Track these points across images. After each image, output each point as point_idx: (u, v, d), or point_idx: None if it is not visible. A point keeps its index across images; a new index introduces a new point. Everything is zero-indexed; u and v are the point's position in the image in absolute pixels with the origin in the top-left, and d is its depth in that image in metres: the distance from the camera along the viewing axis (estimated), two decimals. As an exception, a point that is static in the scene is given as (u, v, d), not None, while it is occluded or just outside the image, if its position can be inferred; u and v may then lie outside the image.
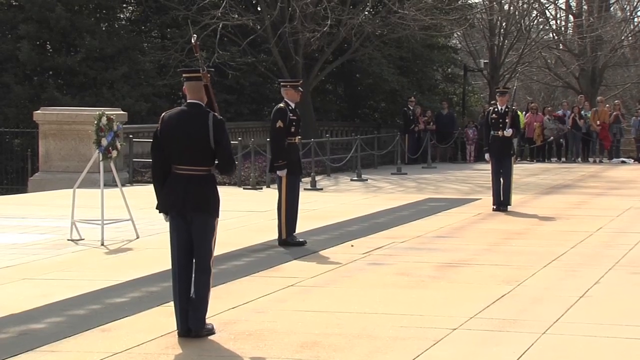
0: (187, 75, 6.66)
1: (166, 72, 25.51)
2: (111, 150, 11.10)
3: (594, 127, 27.51)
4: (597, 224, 12.72)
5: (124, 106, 21.76)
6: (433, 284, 8.50)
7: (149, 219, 12.97)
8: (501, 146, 14.25)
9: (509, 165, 14.38)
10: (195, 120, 6.46)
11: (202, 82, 6.57)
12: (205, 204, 6.44)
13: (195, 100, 6.58)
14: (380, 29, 26.34)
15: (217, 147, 6.42)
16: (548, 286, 8.41)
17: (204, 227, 6.47)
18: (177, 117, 6.55)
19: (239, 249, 10.45)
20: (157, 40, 27.90)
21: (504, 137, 14.23)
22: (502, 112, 14.35)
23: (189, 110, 6.55)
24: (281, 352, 6.20)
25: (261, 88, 28.08)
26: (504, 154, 14.28)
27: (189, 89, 6.61)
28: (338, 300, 7.78)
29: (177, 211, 6.46)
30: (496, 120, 14.31)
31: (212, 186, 6.50)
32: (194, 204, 6.41)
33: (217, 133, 6.42)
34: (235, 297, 7.85)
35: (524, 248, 10.69)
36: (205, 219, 6.46)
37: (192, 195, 6.41)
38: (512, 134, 14.32)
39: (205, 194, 6.45)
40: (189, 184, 6.41)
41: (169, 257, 6.71)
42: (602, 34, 36.07)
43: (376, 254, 10.20)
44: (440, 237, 11.63)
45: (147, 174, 20.29)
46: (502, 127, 14.21)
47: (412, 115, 27.58)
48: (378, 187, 19.34)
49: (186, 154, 6.41)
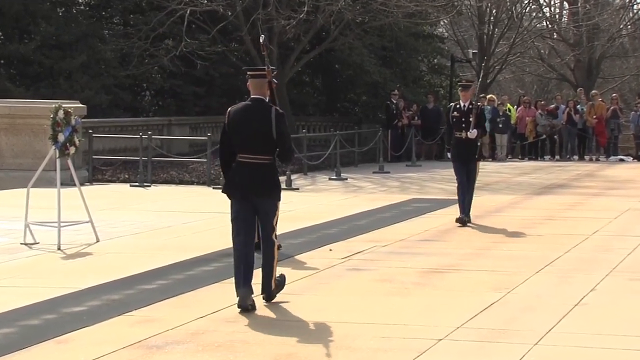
0: (252, 73, 8.01)
1: (129, 61, 25.45)
2: (69, 146, 11.05)
3: (590, 122, 27.66)
4: (594, 226, 12.80)
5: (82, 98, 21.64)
6: (417, 291, 8.53)
7: (109, 221, 12.92)
8: (465, 149, 13.05)
9: (474, 171, 13.22)
10: (259, 114, 7.76)
11: (266, 79, 7.87)
12: (268, 189, 7.78)
13: (259, 96, 7.87)
14: (361, 16, 26.41)
15: (279, 137, 7.71)
16: (540, 293, 8.45)
17: (268, 209, 7.79)
18: (242, 111, 7.85)
19: (207, 254, 10.44)
20: (119, 27, 27.80)
21: (467, 139, 13.03)
22: (465, 109, 13.07)
23: (253, 104, 7.85)
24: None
25: (232, 79, 28.03)
26: (468, 158, 13.10)
27: (253, 85, 7.91)
28: (315, 309, 7.79)
29: (242, 195, 7.75)
30: (458, 119, 13.09)
31: (273, 173, 7.83)
32: (259, 189, 7.73)
33: (279, 125, 7.73)
34: (203, 306, 7.84)
35: (514, 252, 10.74)
36: (268, 202, 7.79)
37: (256, 181, 7.72)
38: (477, 136, 13.09)
39: (268, 180, 7.78)
40: (253, 171, 7.73)
41: (131, 262, 6.71)
42: (599, 22, 36.33)
43: (356, 259, 10.22)
44: (425, 240, 11.66)
45: (108, 172, 20.23)
46: (465, 128, 13.03)
47: (395, 109, 27.63)
48: (358, 186, 19.37)
49: (251, 144, 7.73)
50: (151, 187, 18.83)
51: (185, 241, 11.45)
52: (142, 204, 15.59)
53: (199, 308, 7.75)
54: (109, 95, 24.74)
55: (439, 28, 37.21)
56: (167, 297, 8.21)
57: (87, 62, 24.74)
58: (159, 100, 28.18)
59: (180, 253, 10.42)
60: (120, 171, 20.47)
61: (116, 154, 21.72)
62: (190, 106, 27.00)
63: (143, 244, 11.21)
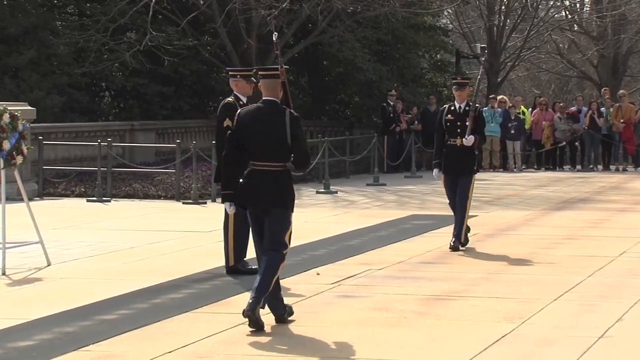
0: (264, 73, 8.36)
1: (85, 57, 25.43)
2: (15, 155, 11.03)
3: (617, 127, 27.74)
4: (620, 247, 12.84)
5: (31, 100, 21.63)
6: (418, 322, 8.53)
7: (63, 242, 12.89)
8: (459, 159, 12.59)
9: (467, 186, 12.66)
10: (272, 117, 8.18)
11: (279, 79, 8.27)
12: (281, 199, 8.19)
13: (271, 98, 8.26)
14: (353, 5, 26.46)
15: (294, 142, 8.15)
16: (559, 324, 8.47)
17: (281, 220, 8.20)
18: (254, 115, 8.27)
19: (177, 279, 10.42)
20: (74, 17, 27.80)
21: (463, 147, 12.58)
22: (461, 112, 12.66)
23: (266, 107, 8.26)
24: (229, 408, 6.21)
25: (205, 78, 28.06)
26: (462, 170, 12.63)
27: (265, 87, 8.29)
28: (300, 342, 7.78)
29: (254, 205, 8.23)
30: (452, 124, 12.65)
31: (288, 181, 8.26)
32: (271, 199, 8.16)
33: (294, 129, 8.16)
34: (172, 339, 7.83)
35: (529, 277, 10.76)
36: (281, 213, 8.20)
37: (269, 190, 8.15)
38: (474, 143, 12.60)
39: (282, 188, 8.20)
40: (266, 179, 8.16)
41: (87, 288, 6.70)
42: (626, 11, 36.49)
43: (347, 285, 10.22)
44: (426, 263, 11.68)
45: (60, 185, 20.20)
46: (461, 133, 12.59)
47: (392, 112, 27.72)
48: (350, 201, 19.39)
49: (263, 151, 8.17)
50: (111, 202, 18.81)
51: (151, 264, 11.43)
52: (100, 222, 15.57)
53: (166, 342, 7.73)
54: (62, 96, 24.70)
55: (443, 19, 37.35)
56: (129, 329, 8.19)
57: (36, 59, 24.71)
58: (120, 102, 28.16)
59: (144, 278, 10.40)
60: (75, 184, 20.44)
61: (70, 164, 21.68)
62: (156, 109, 26.99)
63: (102, 267, 11.18)
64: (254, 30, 25.83)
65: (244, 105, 10.90)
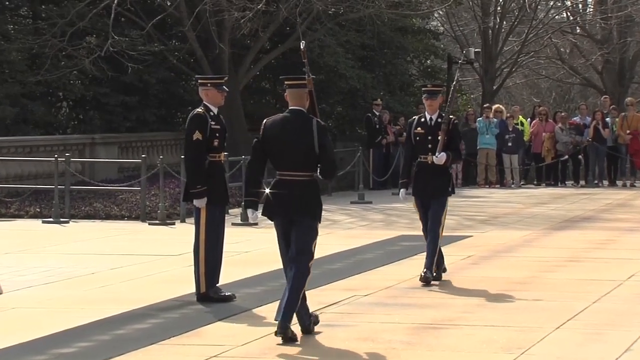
0: (290, 82, 8.97)
1: (41, 64, 25.37)
2: (-36, 172, 11.01)
3: (623, 138, 27.78)
4: (629, 270, 12.85)
5: (-19, 111, 21.58)
6: (407, 353, 8.52)
7: (16, 268, 12.84)
8: (429, 180, 12.00)
9: (440, 210, 12.02)
10: (300, 126, 8.85)
11: (306, 89, 8.90)
12: (308, 209, 8.89)
13: (298, 107, 8.91)
14: (335, 6, 26.53)
15: (322, 152, 8.83)
16: (562, 355, 8.48)
17: (307, 230, 8.89)
18: (281, 124, 8.90)
19: (142, 307, 10.38)
20: (28, 20, 27.75)
21: (434, 166, 11.94)
22: (432, 124, 11.98)
23: (293, 117, 8.91)
24: None
25: (172, 87, 28.03)
26: (434, 193, 12.04)
27: (292, 96, 8.91)
28: (278, 377, 7.78)
29: (282, 215, 8.89)
30: (422, 138, 12.00)
31: (315, 191, 8.97)
32: (299, 209, 8.84)
33: (322, 138, 8.84)
34: (136, 374, 7.81)
35: (529, 303, 10.77)
36: (308, 223, 8.89)
37: (297, 200, 8.83)
38: (446, 161, 11.93)
39: (309, 198, 8.91)
40: (293, 189, 8.82)
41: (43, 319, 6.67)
42: (633, 13, 36.61)
43: (330, 312, 10.21)
44: (416, 288, 11.67)
45: (13, 205, 20.13)
46: (432, 149, 11.93)
47: (378, 123, 27.76)
48: (333, 220, 19.39)
49: (291, 160, 8.85)
50: (70, 223, 18.74)
51: (114, 292, 11.39)
52: (57, 245, 15.51)
53: (130, 377, 7.71)
54: (14, 107, 24.63)
55: (433, 21, 37.46)
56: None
57: (-14, 66, 24.66)
58: (79, 113, 28.09)
59: (106, 307, 10.36)
60: (29, 203, 20.37)
61: (24, 181, 21.63)
62: (119, 120, 26.95)
63: (59, 296, 11.13)
64: (227, 34, 25.84)
65: (214, 116, 10.94)
